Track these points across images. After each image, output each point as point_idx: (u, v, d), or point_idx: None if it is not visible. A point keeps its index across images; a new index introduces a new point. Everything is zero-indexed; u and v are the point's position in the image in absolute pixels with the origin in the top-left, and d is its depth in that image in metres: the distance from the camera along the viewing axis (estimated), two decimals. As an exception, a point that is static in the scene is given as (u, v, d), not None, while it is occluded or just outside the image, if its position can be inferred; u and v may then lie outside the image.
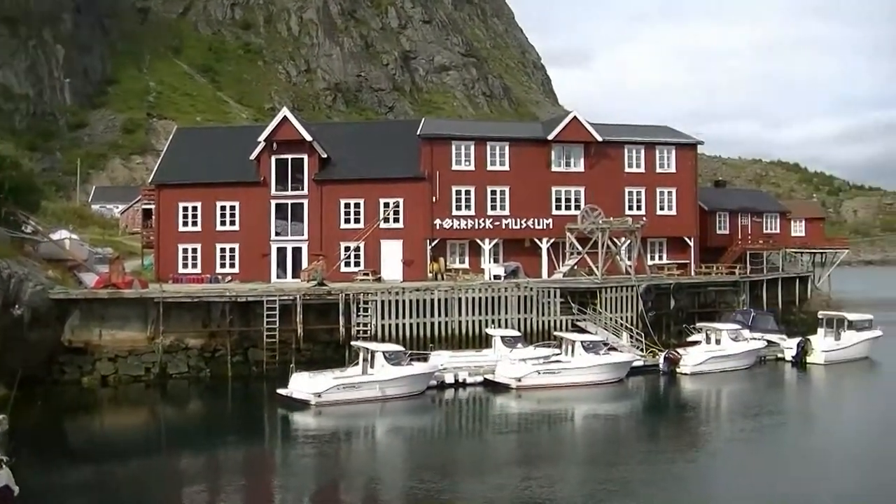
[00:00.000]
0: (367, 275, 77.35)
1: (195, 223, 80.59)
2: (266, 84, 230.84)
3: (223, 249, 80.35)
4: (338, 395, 52.59)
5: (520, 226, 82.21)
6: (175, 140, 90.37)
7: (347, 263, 78.91)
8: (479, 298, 69.20)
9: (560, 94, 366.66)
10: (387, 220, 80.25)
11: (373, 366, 54.98)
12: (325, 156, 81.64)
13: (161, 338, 61.01)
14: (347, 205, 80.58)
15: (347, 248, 79.45)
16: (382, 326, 65.91)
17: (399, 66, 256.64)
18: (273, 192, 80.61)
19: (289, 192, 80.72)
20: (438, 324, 67.72)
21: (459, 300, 68.52)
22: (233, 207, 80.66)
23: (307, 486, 38.26)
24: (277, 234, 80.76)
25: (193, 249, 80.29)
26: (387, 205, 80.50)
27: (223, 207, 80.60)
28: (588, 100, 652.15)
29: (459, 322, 68.29)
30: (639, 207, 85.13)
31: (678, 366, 64.02)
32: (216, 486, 37.87)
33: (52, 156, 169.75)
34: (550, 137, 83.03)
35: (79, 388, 57.94)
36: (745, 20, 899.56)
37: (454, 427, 52.05)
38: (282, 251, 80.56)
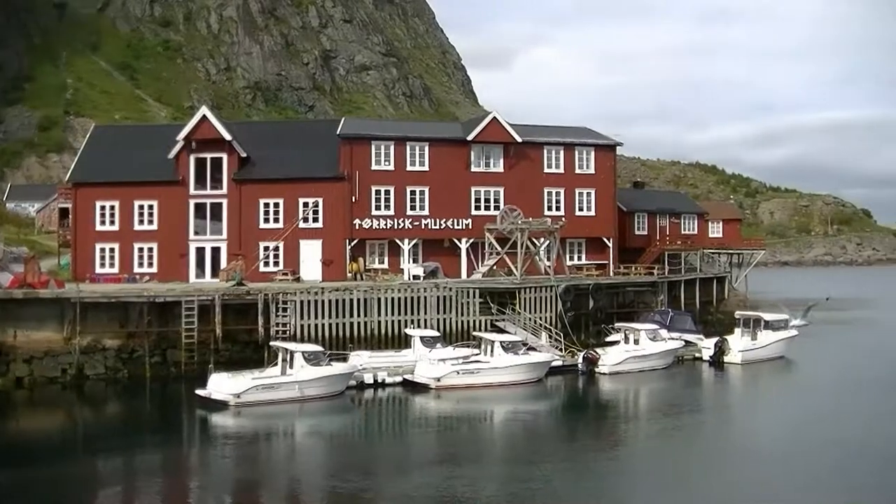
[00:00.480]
0: (287, 275, 77.15)
1: (113, 222, 79.67)
2: (185, 82, 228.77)
3: (141, 249, 79.52)
4: (257, 396, 52.42)
5: (439, 226, 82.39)
6: (93, 138, 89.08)
7: (266, 263, 78.56)
8: (399, 299, 69.32)
9: (480, 95, 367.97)
10: (306, 220, 80.00)
11: (292, 366, 54.82)
12: (245, 155, 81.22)
13: (78, 338, 60.34)
14: (267, 204, 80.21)
15: (266, 248, 79.06)
16: (302, 327, 65.77)
17: (319, 66, 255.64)
18: (192, 192, 79.96)
19: (208, 192, 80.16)
20: (358, 324, 67.72)
21: (379, 300, 68.58)
22: (151, 207, 79.84)
23: (226, 488, 38.05)
24: (196, 234, 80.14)
25: (111, 249, 79.39)
26: (306, 204, 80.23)
27: (141, 207, 79.76)
28: (508, 100, 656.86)
29: (379, 322, 68.36)
30: (558, 208, 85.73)
31: (597, 365, 64.59)
32: (134, 489, 37.52)
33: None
34: (470, 138, 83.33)
35: (-8, 391, 57.11)
36: (664, 22, 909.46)
37: (374, 427, 52.00)
38: (200, 251, 79.99)
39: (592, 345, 70.87)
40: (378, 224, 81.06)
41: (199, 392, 53.18)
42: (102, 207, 79.70)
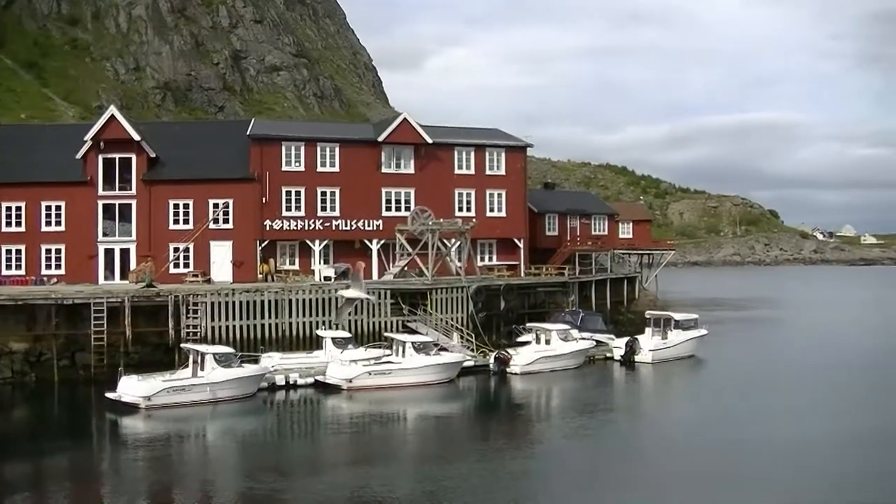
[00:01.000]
0: (197, 276, 76.58)
1: (19, 223, 78.50)
2: (94, 82, 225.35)
3: (48, 250, 78.42)
4: (167, 398, 52.13)
5: (350, 227, 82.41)
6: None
7: (176, 265, 78.01)
8: (310, 300, 69.26)
9: (391, 96, 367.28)
10: (216, 221, 79.54)
11: (203, 368, 54.55)
12: (154, 155, 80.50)
13: (-17, 342, 59.53)
14: (176, 205, 79.56)
15: (176, 250, 78.48)
16: (212, 328, 65.47)
17: (230, 66, 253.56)
18: (100, 193, 79.05)
19: (116, 193, 79.30)
20: (269, 325, 67.61)
21: (290, 301, 68.52)
22: (58, 207, 78.77)
23: (138, 492, 37.65)
24: (105, 235, 79.27)
25: (17, 250, 78.23)
26: (216, 205, 79.78)
27: (48, 207, 78.66)
28: (419, 102, 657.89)
29: (290, 323, 68.30)
30: (469, 209, 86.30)
31: (508, 366, 65.11)
32: (43, 494, 37.07)
33: None
34: (381, 139, 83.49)
35: None
36: (576, 25, 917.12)
37: (286, 429, 52.05)
38: (109, 252, 79.11)
39: (504, 345, 71.44)
40: (289, 225, 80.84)
41: (109, 395, 52.80)
42: (8, 208, 78.48)
